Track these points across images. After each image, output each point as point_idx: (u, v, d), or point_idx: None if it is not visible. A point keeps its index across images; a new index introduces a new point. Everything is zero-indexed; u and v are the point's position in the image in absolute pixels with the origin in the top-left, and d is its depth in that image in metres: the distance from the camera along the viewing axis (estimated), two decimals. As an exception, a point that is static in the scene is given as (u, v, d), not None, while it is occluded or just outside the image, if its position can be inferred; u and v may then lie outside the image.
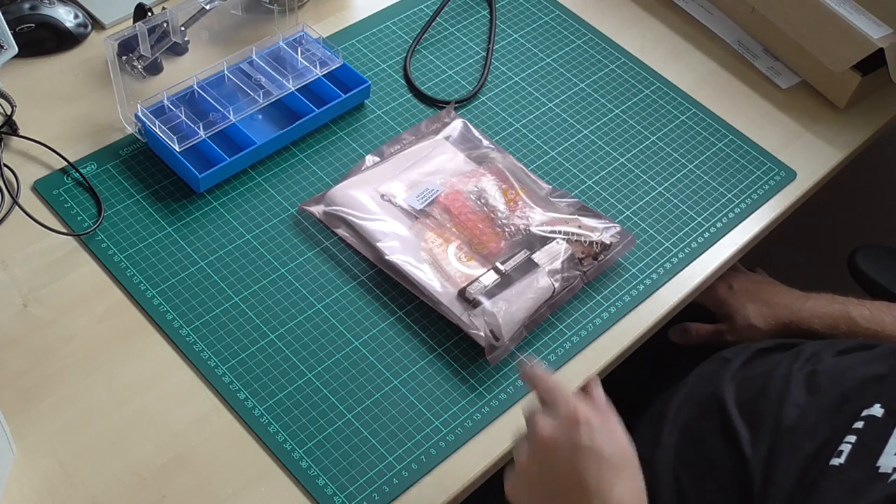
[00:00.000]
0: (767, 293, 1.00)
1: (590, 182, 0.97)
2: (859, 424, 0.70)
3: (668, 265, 0.90)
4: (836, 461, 0.68)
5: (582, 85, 1.06)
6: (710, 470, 0.77)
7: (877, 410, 0.70)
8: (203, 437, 0.75)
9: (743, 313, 0.98)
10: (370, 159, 0.94)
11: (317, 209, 0.90)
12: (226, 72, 0.97)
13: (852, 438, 0.69)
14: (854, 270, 1.06)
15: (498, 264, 0.84)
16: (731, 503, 0.75)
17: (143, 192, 0.90)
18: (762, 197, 0.98)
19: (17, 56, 0.92)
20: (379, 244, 0.86)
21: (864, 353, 0.81)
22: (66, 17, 1.00)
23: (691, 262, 0.91)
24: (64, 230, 0.86)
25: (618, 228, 0.89)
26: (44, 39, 0.99)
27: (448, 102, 1.01)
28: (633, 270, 0.90)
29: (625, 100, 1.05)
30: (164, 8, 0.93)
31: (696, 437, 0.81)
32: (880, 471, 0.65)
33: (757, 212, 0.97)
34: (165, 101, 0.93)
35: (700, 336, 1.00)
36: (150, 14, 0.96)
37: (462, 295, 0.82)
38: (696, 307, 0.98)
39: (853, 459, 0.68)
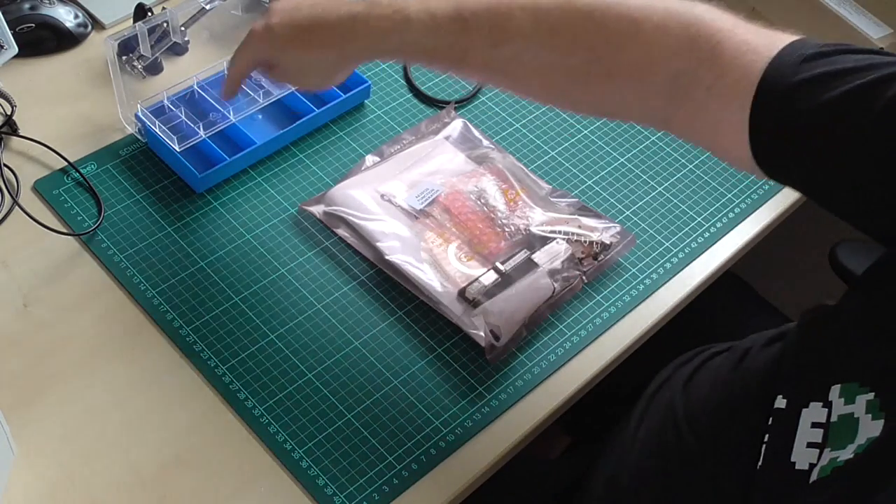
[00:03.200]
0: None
1: (590, 182, 0.97)
2: (770, 421, 0.68)
3: (668, 265, 0.91)
4: (760, 464, 0.66)
5: (582, 85, 1.06)
6: (671, 492, 0.76)
7: (780, 402, 0.67)
8: (203, 437, 0.75)
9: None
10: (370, 159, 0.94)
11: (317, 209, 0.90)
12: (226, 72, 0.97)
13: (767, 437, 0.67)
14: (835, 265, 1.05)
15: (498, 264, 0.84)
16: None
17: (143, 192, 0.90)
18: (762, 197, 0.98)
19: (17, 56, 0.92)
20: (379, 244, 0.86)
21: (784, 342, 0.76)
22: (66, 17, 1.00)
23: (691, 262, 0.91)
24: (64, 230, 0.86)
25: (618, 228, 0.89)
26: (44, 39, 0.99)
27: (448, 102, 1.01)
28: (633, 270, 0.90)
29: (625, 100, 1.05)
30: (164, 8, 0.94)
31: (658, 454, 0.78)
32: (797, 467, 0.63)
33: (757, 212, 0.97)
34: (165, 101, 0.93)
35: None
36: (150, 14, 0.96)
37: (462, 295, 0.82)
38: (694, 311, 0.97)
39: (769, 459, 0.66)
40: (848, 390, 0.62)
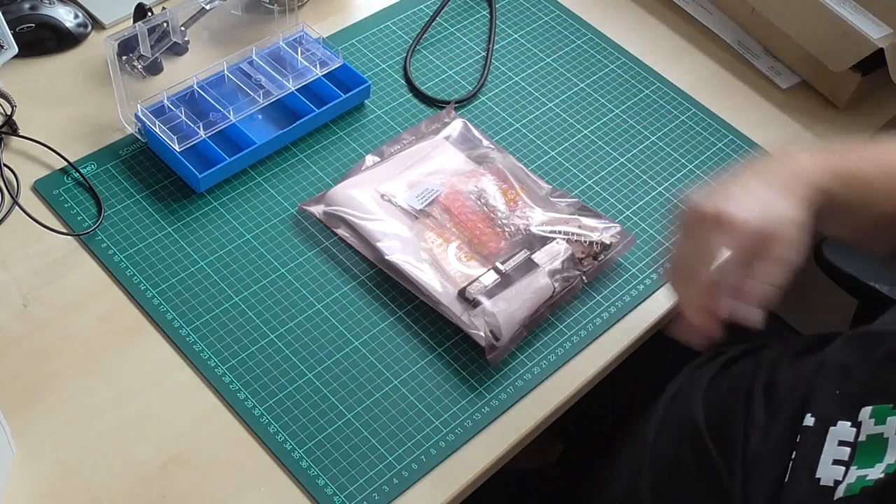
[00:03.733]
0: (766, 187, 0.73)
1: (590, 182, 0.97)
2: (799, 438, 0.68)
3: (668, 265, 0.90)
4: (787, 480, 0.66)
5: (582, 85, 1.06)
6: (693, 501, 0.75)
7: (808, 420, 0.68)
8: (203, 437, 0.75)
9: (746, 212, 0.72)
10: (370, 159, 0.94)
11: (317, 209, 0.90)
12: (226, 72, 0.97)
13: (794, 454, 0.67)
14: (821, 261, 1.04)
15: (498, 264, 0.84)
16: None
17: (143, 192, 0.90)
18: (762, 197, 0.98)
19: (17, 56, 0.92)
20: (379, 244, 0.86)
21: (813, 360, 0.76)
22: (66, 17, 1.00)
23: (691, 262, 0.91)
24: (64, 230, 0.86)
25: (618, 228, 0.89)
26: (44, 39, 0.99)
27: (448, 102, 1.01)
28: (633, 270, 0.90)
29: (625, 100, 1.05)
30: (164, 8, 0.94)
31: (675, 468, 0.78)
32: (821, 483, 0.63)
33: (757, 212, 0.96)
34: (165, 101, 0.93)
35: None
36: (150, 14, 0.96)
37: (462, 295, 0.82)
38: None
39: (795, 475, 0.66)
40: (880, 412, 0.63)
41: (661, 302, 0.88)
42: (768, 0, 1.07)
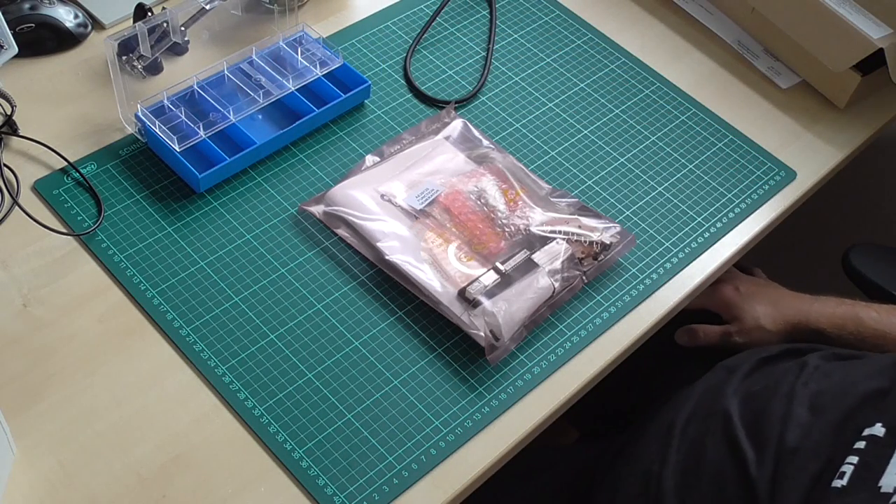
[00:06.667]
0: (775, 295, 1.00)
1: (590, 182, 0.97)
2: (861, 444, 0.69)
3: (668, 265, 0.90)
4: (838, 483, 0.67)
5: (582, 85, 1.06)
6: (716, 493, 0.76)
7: (878, 430, 0.69)
8: (203, 437, 0.75)
9: (752, 314, 0.98)
10: (370, 159, 0.94)
11: (317, 209, 0.90)
12: (226, 72, 0.97)
13: (854, 459, 0.68)
14: (849, 269, 1.05)
15: (498, 264, 0.84)
16: None
17: (143, 192, 0.90)
18: (762, 197, 0.98)
19: (17, 56, 0.92)
20: (379, 244, 0.86)
21: (867, 365, 0.80)
22: (66, 17, 1.00)
23: (691, 262, 0.91)
24: (64, 230, 0.86)
25: (618, 228, 0.89)
26: (44, 39, 0.99)
27: (448, 102, 1.01)
28: (633, 270, 0.90)
29: (625, 100, 1.05)
30: (164, 8, 0.93)
31: (703, 456, 0.79)
32: (882, 490, 0.64)
33: (757, 212, 0.97)
34: (165, 101, 0.93)
35: (708, 337, 1.00)
36: (150, 14, 0.96)
37: (462, 295, 0.82)
38: (694, 311, 0.98)
39: (856, 480, 0.67)
40: None
41: (661, 302, 0.88)
42: (768, 0, 1.07)
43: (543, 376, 0.81)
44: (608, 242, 0.87)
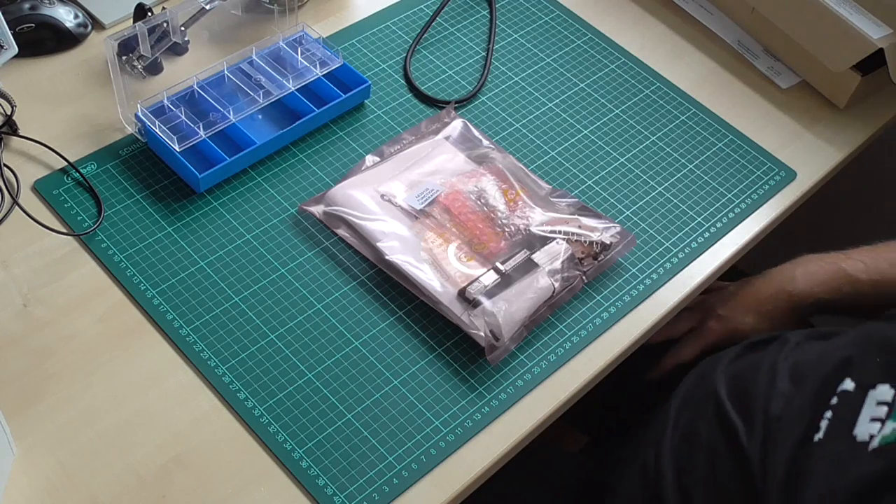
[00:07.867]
0: (752, 295, 0.99)
1: (590, 182, 0.97)
2: (835, 401, 0.72)
3: (668, 265, 0.91)
4: (816, 437, 0.70)
5: (582, 85, 1.06)
6: (711, 470, 0.78)
7: (848, 384, 0.72)
8: (203, 437, 0.75)
9: (742, 320, 0.98)
10: (370, 159, 0.94)
11: (317, 209, 0.90)
12: (226, 72, 0.97)
13: (829, 414, 0.71)
14: None
15: (498, 264, 0.84)
16: (736, 501, 0.75)
17: (143, 192, 0.90)
18: (762, 197, 0.98)
19: (17, 56, 0.92)
20: (379, 244, 0.86)
21: (841, 339, 0.81)
22: (66, 17, 1.00)
23: (691, 262, 0.91)
24: (64, 230, 0.86)
25: (618, 228, 0.89)
26: (44, 39, 0.99)
27: (448, 102, 1.01)
28: (633, 270, 0.90)
29: (625, 100, 1.05)
30: (164, 8, 0.94)
31: (696, 438, 0.81)
32: (858, 439, 0.67)
33: (757, 212, 0.97)
34: (165, 101, 0.93)
35: (682, 354, 0.99)
36: (150, 14, 0.96)
37: (462, 295, 0.82)
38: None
39: (831, 432, 0.70)
40: None
41: (661, 302, 0.88)
42: (768, 0, 1.07)
43: (543, 376, 0.81)
44: (608, 242, 0.87)
